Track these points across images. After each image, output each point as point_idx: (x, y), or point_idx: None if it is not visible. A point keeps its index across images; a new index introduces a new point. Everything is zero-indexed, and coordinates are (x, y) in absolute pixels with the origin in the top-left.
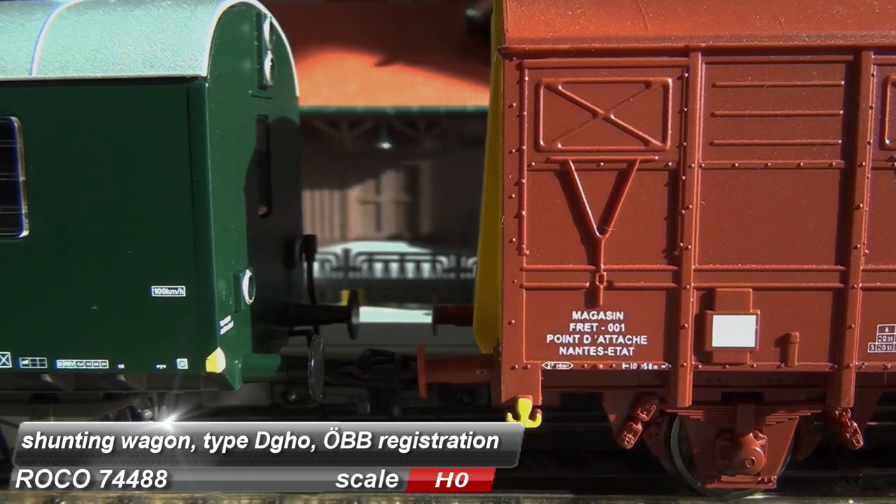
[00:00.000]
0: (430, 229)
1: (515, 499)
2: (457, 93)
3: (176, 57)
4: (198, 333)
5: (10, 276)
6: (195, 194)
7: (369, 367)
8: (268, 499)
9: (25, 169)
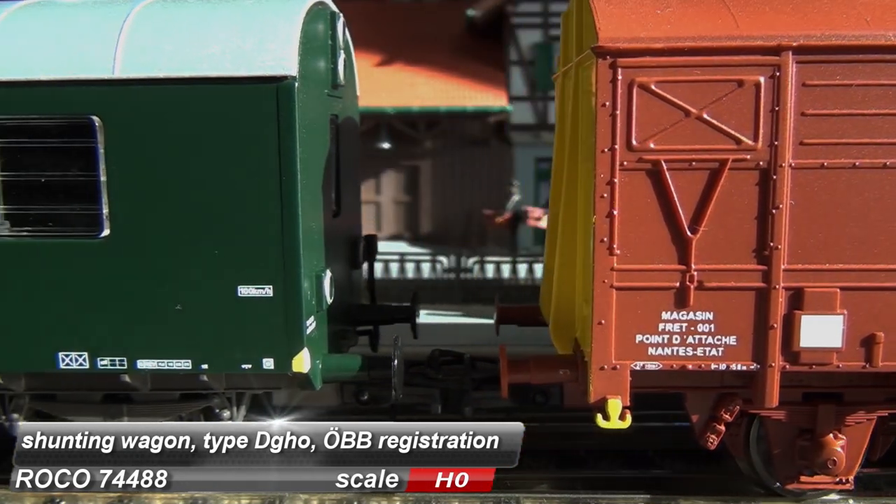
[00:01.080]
0: (430, 229)
1: (515, 499)
2: (457, 93)
3: (265, 56)
4: (284, 333)
5: (90, 275)
6: (284, 194)
7: (439, 367)
8: (268, 499)
9: (107, 168)
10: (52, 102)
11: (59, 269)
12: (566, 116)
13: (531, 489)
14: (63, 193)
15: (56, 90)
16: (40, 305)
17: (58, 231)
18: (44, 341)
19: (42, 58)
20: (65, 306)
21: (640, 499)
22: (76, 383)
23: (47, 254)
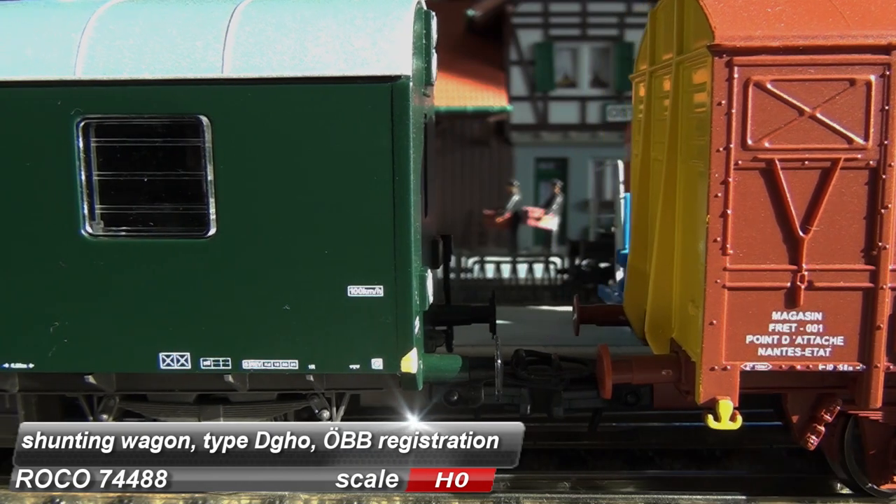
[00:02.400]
0: None
1: (515, 499)
2: (457, 93)
3: (379, 55)
4: (394, 333)
5: (196, 275)
6: (397, 193)
7: (525, 368)
8: (268, 499)
9: (214, 168)
10: (158, 102)
11: (162, 269)
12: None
13: (531, 489)
14: (166, 193)
15: (163, 89)
16: (140, 305)
17: (160, 231)
18: (144, 342)
19: (147, 57)
20: (167, 306)
21: (640, 499)
22: (169, 384)
23: (148, 253)
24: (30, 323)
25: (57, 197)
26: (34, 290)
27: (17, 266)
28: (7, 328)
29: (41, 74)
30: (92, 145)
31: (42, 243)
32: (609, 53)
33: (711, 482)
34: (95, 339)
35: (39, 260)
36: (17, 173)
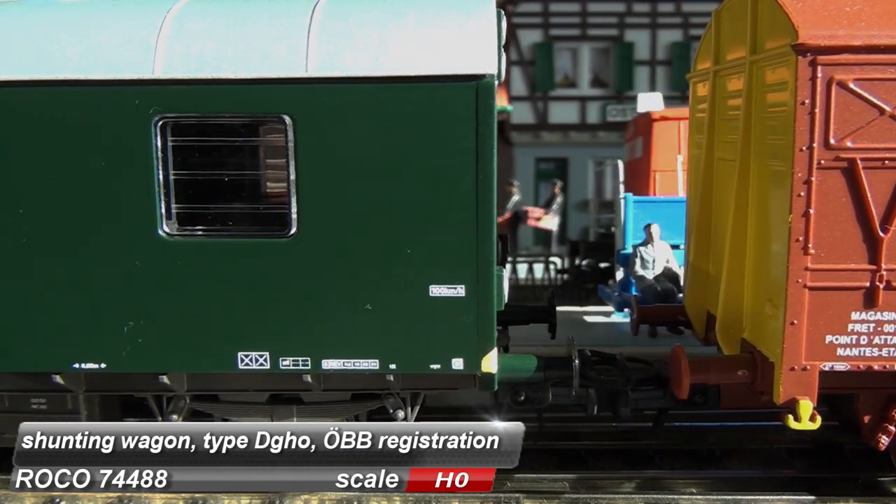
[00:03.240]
0: None
1: (515, 499)
2: None
3: (464, 54)
4: (475, 333)
5: (276, 274)
6: (480, 193)
7: (593, 368)
8: (268, 499)
9: (297, 167)
10: (240, 101)
11: (241, 268)
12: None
13: (531, 489)
14: (246, 192)
15: (245, 89)
16: (219, 305)
17: (240, 230)
18: (223, 341)
19: (228, 56)
20: (246, 305)
21: (640, 499)
22: (240, 384)
23: (227, 253)
24: (103, 323)
25: (134, 197)
26: (109, 290)
27: (91, 266)
28: (79, 328)
29: (118, 73)
30: (169, 144)
31: (118, 243)
32: (609, 53)
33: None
34: (172, 338)
35: (115, 260)
36: (93, 173)
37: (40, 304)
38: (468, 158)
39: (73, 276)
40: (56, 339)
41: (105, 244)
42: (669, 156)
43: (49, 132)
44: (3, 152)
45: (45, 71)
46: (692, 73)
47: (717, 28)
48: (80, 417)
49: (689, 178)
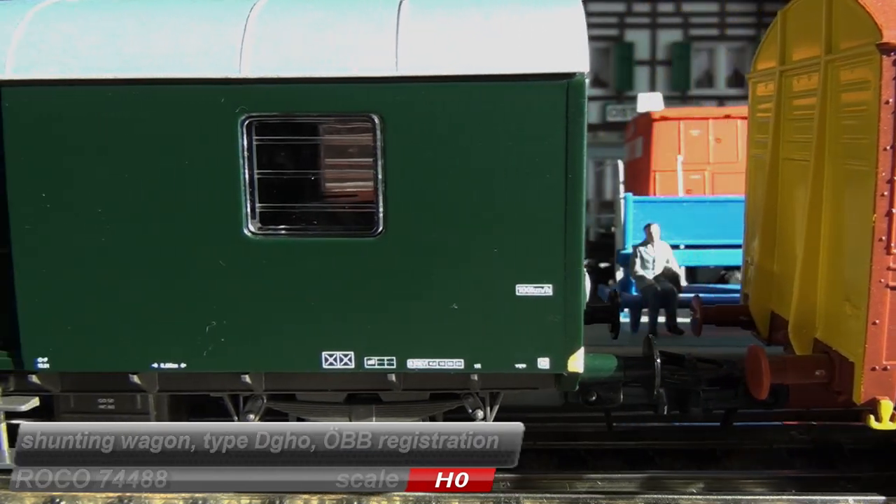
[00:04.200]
0: None
1: (515, 499)
2: None
3: (556, 52)
4: (562, 332)
5: (362, 273)
6: (569, 192)
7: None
8: (268, 499)
9: (384, 166)
10: (327, 100)
11: (327, 268)
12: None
13: (531, 489)
14: (332, 191)
15: (334, 87)
16: (303, 304)
17: (325, 229)
18: (307, 341)
19: (315, 55)
20: (331, 305)
21: (640, 499)
22: (318, 383)
23: (313, 252)
24: (184, 323)
25: (219, 196)
26: (191, 290)
27: (174, 266)
28: (160, 328)
29: (204, 73)
30: (254, 143)
31: (202, 243)
32: (609, 53)
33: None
34: (255, 338)
35: (198, 259)
36: (177, 172)
37: (120, 304)
38: (558, 157)
39: (154, 276)
40: (136, 339)
41: (189, 244)
42: (669, 156)
43: (133, 131)
44: (86, 151)
45: (130, 70)
46: (752, 73)
47: (783, 28)
48: (150, 418)
49: (749, 178)
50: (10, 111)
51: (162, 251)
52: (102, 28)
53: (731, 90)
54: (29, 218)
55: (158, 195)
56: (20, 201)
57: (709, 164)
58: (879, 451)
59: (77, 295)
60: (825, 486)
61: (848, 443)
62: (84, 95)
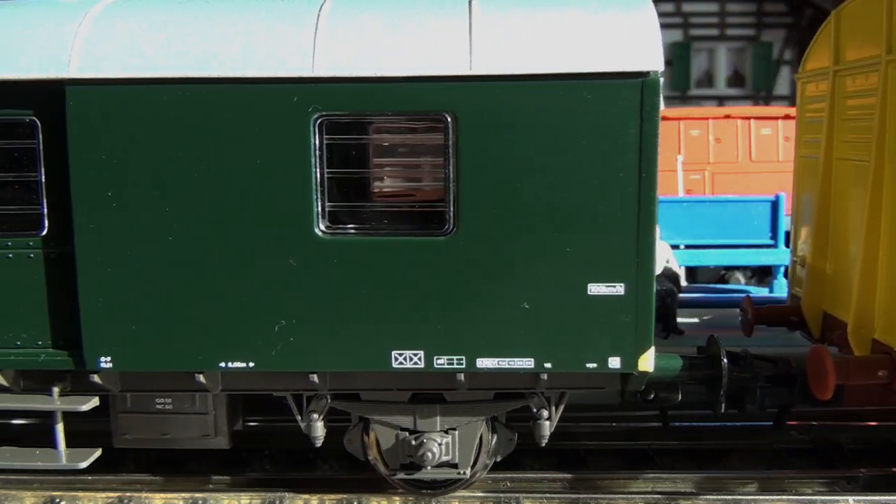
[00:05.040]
0: None
1: (515, 499)
2: None
3: (629, 51)
4: (633, 332)
5: (433, 272)
6: (642, 191)
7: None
8: (268, 499)
9: (457, 165)
10: (401, 99)
11: (397, 267)
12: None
13: (531, 489)
14: (403, 190)
15: (407, 87)
16: (373, 303)
17: (395, 228)
18: (377, 340)
19: (389, 54)
20: (402, 304)
21: (640, 499)
22: (383, 382)
23: (383, 251)
24: (253, 322)
25: (290, 195)
26: (261, 289)
27: (244, 265)
28: (228, 327)
29: (277, 72)
30: (325, 142)
31: (273, 242)
32: None
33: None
34: (324, 337)
35: (269, 258)
36: (248, 171)
37: (187, 304)
38: (631, 156)
39: (223, 275)
40: (203, 338)
41: (259, 243)
42: (669, 156)
43: (202, 131)
44: (153, 151)
45: (199, 69)
46: (801, 73)
47: (837, 28)
48: (208, 417)
49: (797, 179)
50: (75, 110)
51: (232, 250)
52: (169, 26)
53: (731, 90)
54: (93, 217)
55: (229, 194)
56: (84, 200)
57: (709, 164)
58: (879, 451)
59: (143, 294)
60: (825, 486)
61: (848, 443)
62: (151, 94)
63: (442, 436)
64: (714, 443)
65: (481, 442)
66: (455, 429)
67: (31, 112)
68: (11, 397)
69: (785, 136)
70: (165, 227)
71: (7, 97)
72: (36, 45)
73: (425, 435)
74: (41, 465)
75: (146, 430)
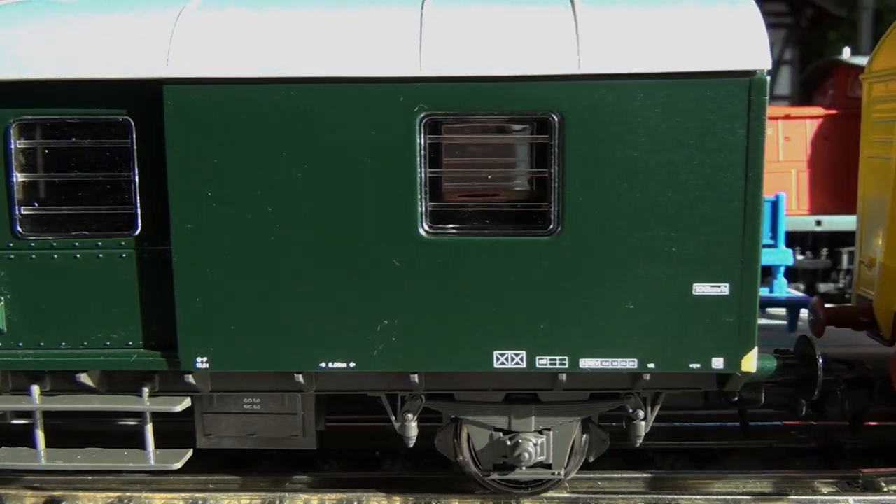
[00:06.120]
0: None
1: (515, 499)
2: None
3: (738, 50)
4: (737, 332)
5: (536, 272)
6: (749, 190)
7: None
8: (268, 499)
9: (562, 164)
10: (508, 99)
11: (500, 266)
12: None
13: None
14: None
15: (516, 86)
16: (476, 303)
17: (498, 228)
18: (479, 340)
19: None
20: (504, 304)
21: (640, 499)
22: (478, 383)
23: (486, 251)
24: (356, 322)
25: (395, 195)
26: (364, 289)
27: (346, 265)
28: (330, 328)
29: (384, 71)
30: (429, 142)
31: (376, 242)
32: None
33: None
34: (426, 337)
35: (371, 258)
36: (353, 171)
37: (288, 304)
38: (738, 155)
39: (325, 275)
40: (304, 338)
41: (362, 243)
42: None
43: (306, 130)
44: (254, 150)
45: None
46: (867, 74)
47: None
48: (297, 418)
49: (864, 179)
50: (173, 109)
51: (334, 250)
52: (270, 25)
53: None
54: (192, 216)
55: (332, 194)
56: (182, 200)
57: None
58: (879, 451)
59: (242, 294)
60: (825, 486)
61: (848, 443)
62: (253, 94)
63: (537, 436)
64: (714, 443)
65: (573, 442)
66: (549, 429)
67: (125, 111)
68: (100, 398)
69: (785, 136)
70: (267, 227)
71: (100, 96)
72: (130, 43)
73: (520, 435)
74: (133, 465)
75: (232, 430)
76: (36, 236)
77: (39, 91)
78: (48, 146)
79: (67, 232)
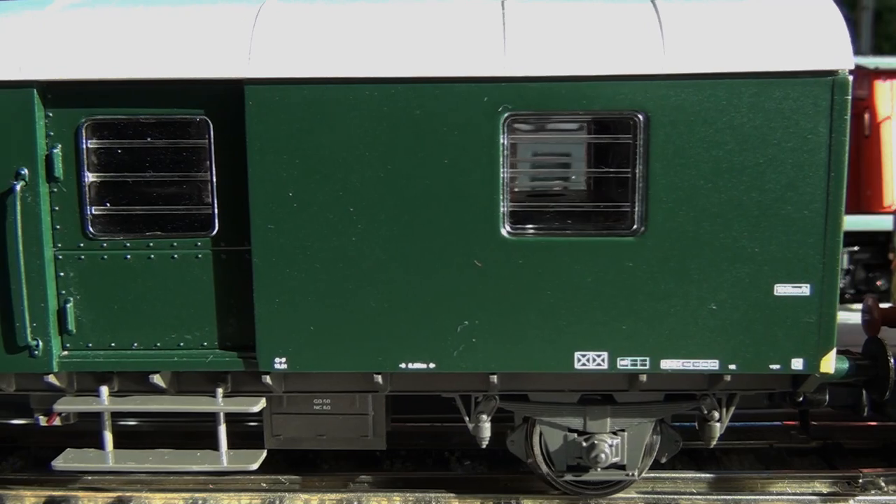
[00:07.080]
0: None
1: (515, 499)
2: None
3: (822, 49)
4: (816, 333)
5: (619, 272)
6: (831, 190)
7: None
8: (268, 499)
9: (646, 164)
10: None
11: (583, 267)
12: None
13: (531, 489)
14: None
15: (601, 86)
16: (558, 304)
17: (580, 229)
18: (560, 341)
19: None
20: (587, 304)
21: (640, 499)
22: (552, 383)
23: (568, 251)
24: (436, 323)
25: (478, 195)
26: (445, 290)
27: (427, 265)
28: (410, 328)
29: (468, 71)
30: (510, 141)
31: (458, 242)
32: None
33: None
34: (507, 338)
35: (453, 259)
36: (436, 171)
37: (368, 305)
38: (820, 155)
39: (406, 275)
40: (384, 339)
41: (444, 243)
42: None
43: (389, 131)
44: (337, 151)
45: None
46: None
47: None
48: (368, 419)
49: None
50: (254, 109)
51: (415, 250)
52: (353, 25)
53: None
54: (272, 217)
55: (414, 194)
56: (263, 200)
57: None
58: (879, 451)
59: (322, 295)
60: (825, 486)
61: (848, 443)
62: (336, 94)
63: (612, 437)
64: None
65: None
66: (624, 430)
67: (202, 111)
68: (171, 399)
69: None
70: (348, 227)
71: (177, 96)
72: (209, 43)
73: (596, 436)
74: (207, 467)
75: (302, 431)
76: (108, 237)
77: (112, 91)
78: (121, 146)
79: (141, 232)
